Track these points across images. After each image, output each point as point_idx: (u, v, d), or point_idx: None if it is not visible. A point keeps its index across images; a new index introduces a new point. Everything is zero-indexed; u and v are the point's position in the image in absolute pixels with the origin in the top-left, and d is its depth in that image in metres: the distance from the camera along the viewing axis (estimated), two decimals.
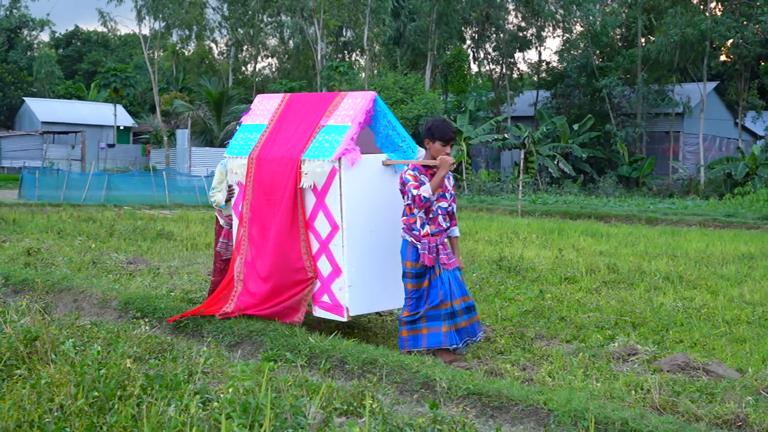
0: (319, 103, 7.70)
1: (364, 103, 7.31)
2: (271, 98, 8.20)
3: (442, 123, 7.08)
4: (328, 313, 7.32)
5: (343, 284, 7.15)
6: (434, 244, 6.93)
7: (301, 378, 5.68)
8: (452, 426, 4.73)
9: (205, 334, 7.56)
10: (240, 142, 8.07)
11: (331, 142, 7.21)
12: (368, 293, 7.29)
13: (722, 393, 5.98)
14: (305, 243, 7.36)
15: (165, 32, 56.55)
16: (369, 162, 7.27)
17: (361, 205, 7.19)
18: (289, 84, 52.04)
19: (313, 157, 7.24)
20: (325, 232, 7.25)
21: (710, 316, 8.81)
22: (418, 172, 6.96)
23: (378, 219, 7.31)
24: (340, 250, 7.14)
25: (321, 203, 7.24)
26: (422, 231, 6.93)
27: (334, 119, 7.39)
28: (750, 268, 12.68)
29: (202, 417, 4.53)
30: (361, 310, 7.34)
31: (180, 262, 12.65)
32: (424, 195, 6.83)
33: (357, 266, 7.18)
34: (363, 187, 7.22)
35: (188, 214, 22.94)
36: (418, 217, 6.94)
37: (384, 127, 7.43)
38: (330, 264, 7.23)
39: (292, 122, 7.75)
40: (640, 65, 43.54)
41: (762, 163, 36.84)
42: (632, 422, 4.94)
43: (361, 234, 7.20)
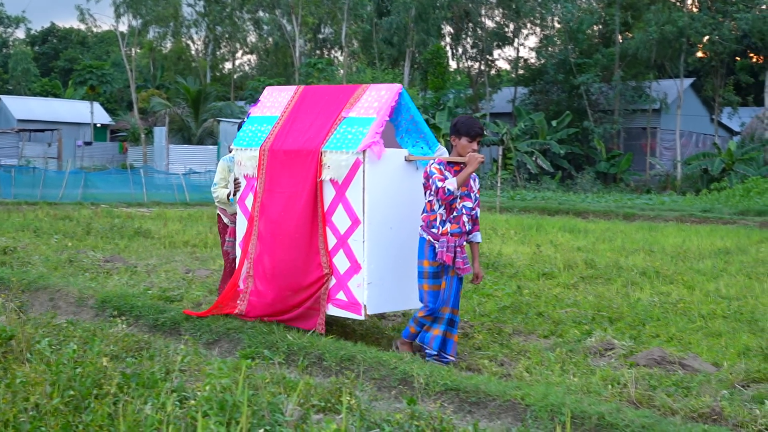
0: (338, 94, 7.46)
1: (390, 96, 7.07)
2: (283, 90, 7.93)
3: (467, 119, 6.85)
4: (343, 311, 7.04)
5: (362, 281, 6.88)
6: (453, 244, 6.65)
7: (279, 375, 5.67)
8: (430, 422, 4.73)
9: (182, 331, 7.52)
10: (249, 133, 7.77)
11: (354, 133, 6.95)
12: (387, 291, 7.04)
13: (698, 387, 6.03)
14: (322, 238, 7.08)
15: (142, 29, 56.23)
16: (392, 156, 7.04)
17: (382, 199, 6.95)
18: (267, 81, 51.94)
19: (336, 148, 6.98)
20: (344, 227, 6.98)
21: (686, 310, 8.88)
22: (444, 167, 6.74)
23: (398, 215, 7.08)
24: (360, 245, 6.88)
25: (341, 196, 6.98)
26: (441, 229, 6.67)
27: (357, 111, 7.13)
28: (726, 262, 12.78)
29: (179, 415, 4.51)
30: (380, 308, 7.11)
31: (158, 260, 12.58)
32: (448, 188, 6.55)
33: (377, 263, 6.93)
34: (385, 182, 6.99)
35: (166, 212, 22.84)
36: (438, 213, 6.69)
37: (406, 122, 7.22)
38: (348, 260, 6.97)
39: (308, 114, 7.47)
40: (617, 62, 43.74)
41: (738, 158, 37.13)
42: (609, 416, 4.97)
43: (381, 230, 6.96)
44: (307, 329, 7.02)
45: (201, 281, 10.40)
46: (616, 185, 40.96)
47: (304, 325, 7.08)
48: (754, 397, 5.81)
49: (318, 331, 6.97)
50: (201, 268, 11.70)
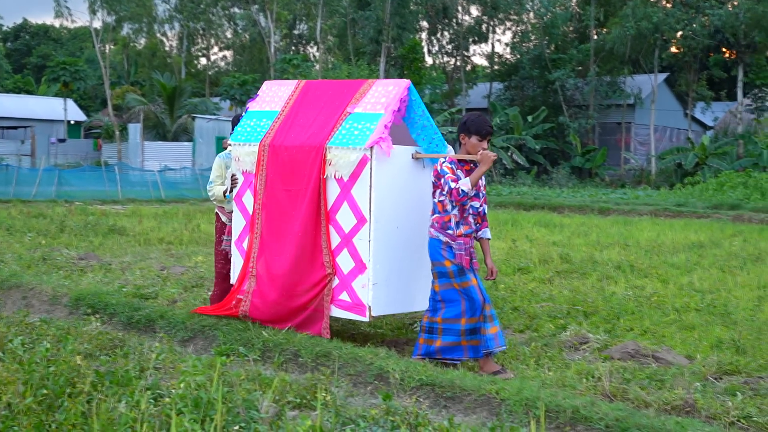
0: (342, 90, 7.24)
1: (398, 91, 6.85)
2: (283, 84, 7.71)
3: (478, 117, 6.64)
4: (346, 313, 6.80)
5: (367, 281, 6.65)
6: (468, 245, 6.49)
7: (254, 372, 5.66)
8: (405, 417, 4.74)
9: (157, 329, 7.49)
10: (247, 128, 7.51)
11: (361, 129, 6.73)
12: (392, 292, 6.82)
13: (671, 379, 6.08)
14: (325, 237, 6.85)
15: (116, 26, 55.83)
16: (399, 153, 6.82)
17: (389, 198, 6.74)
18: (242, 77, 51.72)
19: (341, 144, 6.76)
20: (348, 226, 6.75)
21: (660, 304, 8.94)
22: (455, 166, 6.54)
23: (405, 214, 6.87)
24: (366, 244, 6.65)
25: (346, 194, 6.76)
26: (456, 231, 6.48)
27: (363, 106, 6.91)
28: (699, 256, 12.89)
29: (153, 413, 4.49)
30: (385, 310, 6.87)
31: (132, 257, 12.52)
32: (462, 188, 6.34)
33: (382, 263, 6.71)
34: (392, 180, 6.78)
35: (141, 209, 22.72)
36: (452, 215, 6.49)
37: (420, 118, 6.96)
38: (352, 259, 6.74)
39: (311, 109, 7.24)
40: (592, 57, 43.96)
41: (711, 153, 37.43)
42: (583, 410, 5.00)
43: (388, 229, 6.74)
44: (312, 334, 6.79)
45: (176, 278, 10.36)
46: (591, 180, 41.18)
47: (309, 330, 6.84)
48: (727, 389, 5.87)
49: (323, 336, 6.75)
50: (176, 265, 11.65)
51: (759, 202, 23.95)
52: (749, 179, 29.21)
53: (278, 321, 7.04)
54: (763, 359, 6.72)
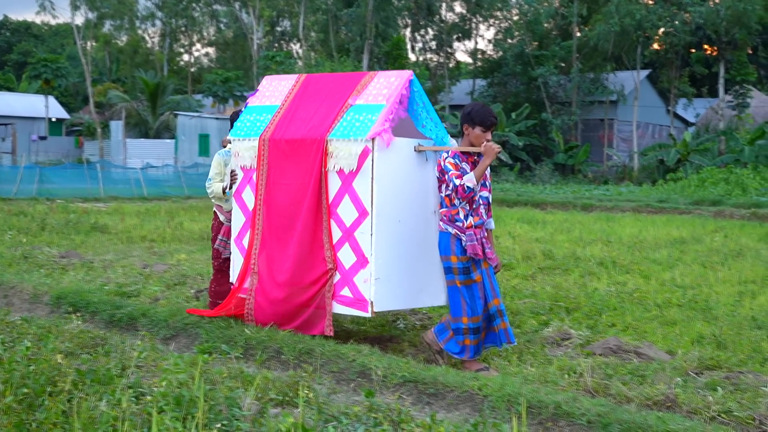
0: (343, 82, 7.12)
1: (400, 83, 6.72)
2: (283, 79, 7.58)
3: (482, 107, 6.52)
4: (348, 309, 6.67)
5: (369, 276, 6.52)
6: (479, 236, 6.39)
7: (237, 369, 5.64)
8: (388, 414, 4.74)
9: (139, 327, 7.46)
10: (247, 123, 7.40)
11: (362, 121, 6.61)
12: (396, 287, 6.66)
13: (653, 375, 6.11)
14: (327, 231, 6.73)
15: (98, 22, 55.51)
16: (401, 145, 6.68)
17: (391, 190, 6.60)
18: (225, 74, 51.60)
19: (343, 136, 6.64)
20: (350, 219, 6.62)
21: (642, 299, 8.98)
22: (459, 159, 6.44)
23: (407, 207, 6.72)
24: (368, 238, 6.51)
25: (348, 187, 6.63)
26: (466, 223, 6.38)
27: (365, 98, 6.78)
28: (681, 252, 12.95)
29: (134, 411, 4.47)
30: (388, 305, 6.71)
31: (114, 255, 12.46)
32: (468, 185, 6.27)
33: (385, 257, 6.56)
34: (395, 172, 6.63)
35: (123, 207, 22.62)
36: (460, 208, 6.39)
37: (422, 109, 6.84)
38: (354, 254, 6.61)
39: (311, 102, 7.12)
40: (575, 54, 44.09)
41: (693, 149, 37.63)
42: (565, 405, 5.02)
43: (390, 222, 6.60)
44: (315, 334, 6.70)
45: (158, 276, 10.32)
46: (574, 176, 41.31)
47: (313, 330, 6.74)
48: (707, 384, 5.90)
49: (326, 334, 6.65)
50: (158, 263, 11.61)
51: (740, 198, 24.09)
52: (731, 175, 29.39)
53: (283, 321, 6.90)
54: (743, 354, 6.76)
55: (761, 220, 19.32)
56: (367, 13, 44.46)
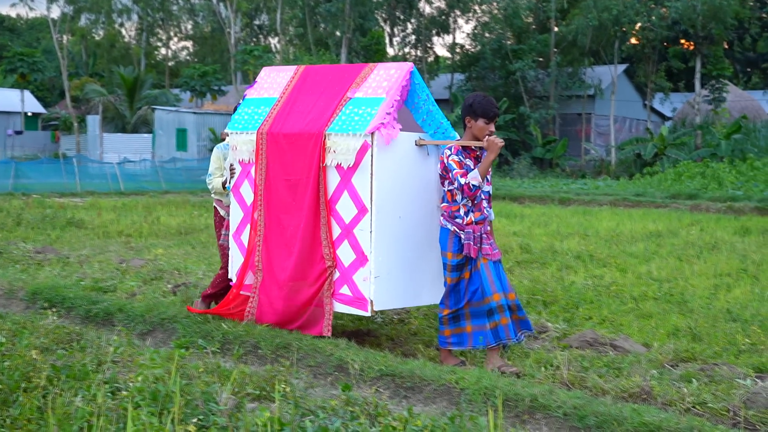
0: (342, 74, 6.97)
1: (400, 75, 6.55)
2: (281, 70, 7.40)
3: (484, 98, 6.34)
4: (347, 307, 6.54)
5: (369, 274, 6.37)
6: (478, 233, 6.26)
7: (214, 364, 5.63)
8: (365, 407, 4.75)
9: (115, 322, 7.43)
10: (245, 116, 7.24)
11: (361, 115, 6.45)
12: (396, 286, 6.53)
13: (628, 367, 6.15)
14: (326, 227, 6.59)
15: (74, 16, 55.07)
16: (401, 140, 6.51)
17: (391, 186, 6.45)
18: (202, 68, 51.33)
19: (341, 131, 6.48)
20: (349, 216, 6.48)
21: (619, 293, 9.04)
22: (462, 156, 6.29)
23: (408, 203, 6.58)
24: (367, 235, 6.37)
25: (347, 183, 6.49)
26: (466, 219, 6.27)
27: (364, 91, 6.63)
28: (657, 245, 13.03)
29: (110, 406, 4.45)
30: (388, 304, 6.60)
31: (91, 250, 12.39)
32: (473, 183, 6.14)
33: (385, 254, 6.42)
34: (395, 167, 6.48)
35: (100, 202, 22.49)
36: (462, 204, 6.28)
37: (424, 102, 6.68)
38: (353, 251, 6.47)
39: (310, 95, 6.97)
40: (553, 48, 44.22)
41: (670, 143, 37.82)
42: (541, 398, 5.04)
43: (390, 219, 6.45)
44: (314, 334, 6.56)
45: (135, 271, 10.27)
46: (552, 170, 41.43)
47: (312, 330, 6.61)
48: (682, 376, 5.95)
49: (324, 335, 6.51)
50: (135, 257, 11.55)
51: (716, 192, 24.26)
52: (707, 169, 29.58)
53: (284, 321, 6.77)
54: (718, 346, 6.82)
55: (737, 213, 19.48)
56: (345, 8, 44.36)
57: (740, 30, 49.78)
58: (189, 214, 18.88)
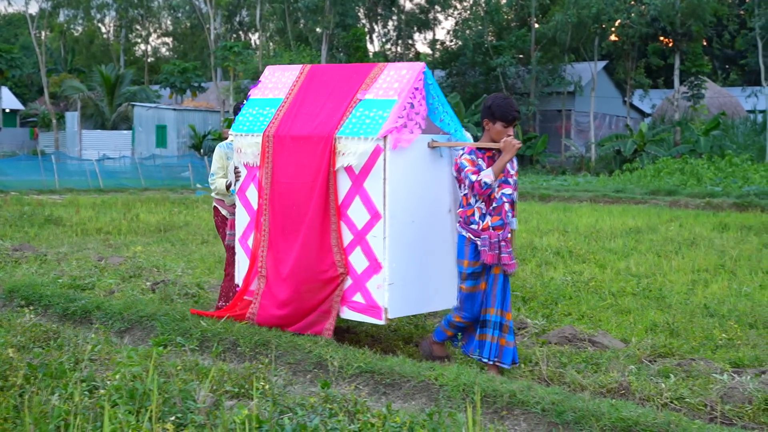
0: (351, 74, 6.73)
1: (412, 76, 6.33)
2: (286, 69, 7.18)
3: (504, 100, 6.09)
4: (360, 315, 6.36)
5: (383, 282, 6.18)
6: (496, 239, 5.97)
7: (192, 362, 5.61)
8: (344, 404, 4.75)
9: (93, 320, 7.38)
10: (249, 117, 7.04)
11: (373, 117, 6.25)
12: (410, 292, 6.35)
13: (607, 363, 6.18)
14: (336, 234, 6.39)
15: (53, 12, 54.68)
16: (415, 142, 6.31)
17: (405, 190, 6.24)
18: (182, 65, 51.11)
19: (352, 134, 6.27)
20: (361, 222, 6.27)
21: (597, 288, 9.07)
22: (475, 155, 6.06)
23: (421, 207, 6.38)
24: (381, 242, 6.17)
25: (358, 187, 6.27)
26: (482, 224, 6.00)
27: (374, 92, 6.41)
28: (636, 241, 13.10)
29: (87, 405, 4.43)
30: (402, 311, 6.41)
31: (69, 248, 12.31)
32: (485, 180, 5.88)
33: (399, 261, 6.23)
34: (408, 171, 6.27)
35: (79, 199, 22.35)
36: (476, 207, 6.02)
37: (438, 102, 6.48)
38: (366, 258, 6.26)
39: (317, 95, 6.75)
40: (533, 45, 44.32)
41: (649, 140, 38.02)
42: (520, 394, 5.05)
43: (404, 224, 6.25)
44: (314, 334, 6.43)
45: (114, 268, 10.22)
46: (532, 167, 41.56)
47: (311, 330, 6.47)
48: (660, 371, 5.99)
49: (325, 336, 6.36)
50: (114, 255, 11.49)
51: (695, 188, 24.40)
52: (686, 165, 29.76)
53: (288, 324, 6.62)
54: (695, 341, 6.87)
55: (715, 209, 19.60)
56: (326, 4, 44.28)
57: (719, 27, 50.13)
58: (168, 211, 18.80)
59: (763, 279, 9.75)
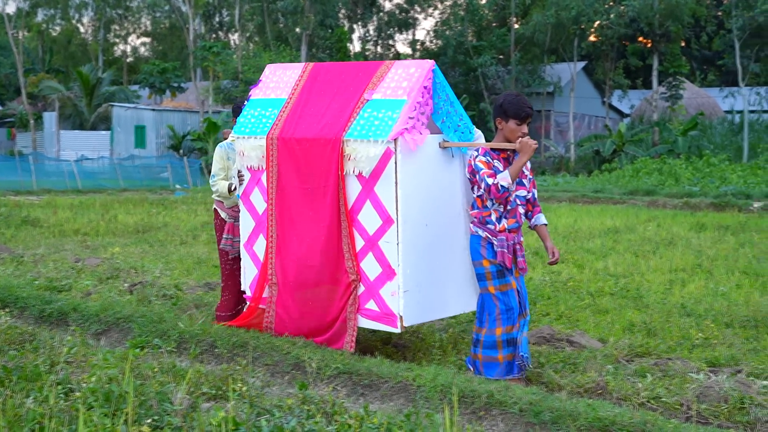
0: (356, 73, 6.49)
1: (421, 74, 6.12)
2: (288, 68, 6.91)
3: (515, 98, 5.89)
4: (374, 323, 6.17)
5: (397, 289, 6.00)
6: (512, 242, 5.87)
7: (169, 364, 5.59)
8: (321, 406, 4.74)
9: (70, 322, 7.33)
10: (251, 119, 6.78)
11: (382, 119, 6.04)
12: (426, 298, 6.18)
13: (584, 363, 6.21)
14: (348, 240, 6.18)
15: (30, 11, 54.29)
16: (426, 143, 6.12)
17: (417, 194, 6.05)
18: (162, 65, 50.88)
19: (361, 137, 6.06)
20: (373, 227, 6.08)
21: (576, 288, 9.11)
22: (490, 157, 5.85)
23: (434, 210, 6.20)
24: (394, 247, 5.98)
25: (369, 192, 6.06)
26: (498, 226, 5.84)
27: (382, 92, 6.19)
28: (615, 241, 13.16)
29: (62, 408, 4.40)
30: (418, 318, 6.22)
31: (46, 249, 12.23)
32: (502, 184, 5.66)
33: (413, 267, 6.04)
34: (419, 173, 6.08)
35: (56, 200, 22.22)
36: (493, 210, 5.84)
37: (444, 103, 6.28)
38: (379, 264, 6.07)
39: (322, 95, 6.51)
40: (513, 46, 44.45)
41: (628, 140, 38.20)
42: (497, 394, 5.06)
43: (417, 228, 6.06)
44: (337, 348, 6.22)
45: (91, 270, 10.16)
46: None
47: (336, 344, 6.26)
48: (637, 371, 6.02)
49: (346, 350, 6.17)
50: (92, 256, 11.43)
51: (673, 188, 24.53)
52: (664, 166, 29.94)
53: (309, 334, 6.42)
54: (672, 341, 6.92)
55: (693, 209, 19.71)
56: (305, 4, 44.20)
57: (697, 28, 50.40)
58: (147, 212, 18.72)
59: (740, 278, 9.82)
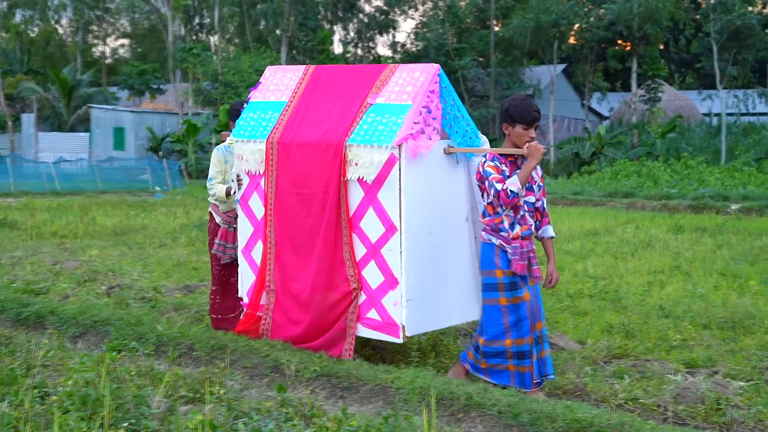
0: (359, 76, 6.36)
1: (426, 79, 5.97)
2: (289, 70, 6.78)
3: (521, 101, 5.73)
4: (376, 333, 6.03)
5: (400, 298, 5.86)
6: (526, 249, 5.71)
7: (147, 367, 5.56)
8: (300, 408, 4.73)
9: (47, 326, 7.27)
10: (250, 122, 6.64)
11: (386, 124, 5.90)
12: (429, 308, 6.04)
13: (563, 364, 6.23)
14: (348, 247, 6.07)
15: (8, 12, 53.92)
16: (431, 149, 5.98)
17: (422, 201, 5.92)
18: (141, 66, 50.66)
19: (364, 142, 5.92)
20: (375, 234, 5.94)
21: (555, 290, 9.12)
22: (498, 162, 5.70)
23: (437, 217, 6.07)
24: (397, 256, 5.85)
25: (371, 198, 5.93)
26: (512, 233, 5.67)
27: (386, 96, 6.06)
28: (594, 243, 13.21)
29: (38, 412, 4.37)
30: (421, 328, 6.09)
31: (23, 252, 12.14)
32: (511, 189, 5.51)
33: (417, 275, 5.91)
34: (424, 180, 5.95)
35: (34, 202, 22.05)
36: (505, 216, 5.67)
37: (451, 108, 6.12)
38: (381, 273, 5.94)
39: (324, 99, 6.38)
40: (493, 48, 44.57)
41: (607, 142, 38.38)
42: (476, 396, 5.07)
43: (420, 236, 5.93)
44: (333, 355, 6.09)
45: (69, 273, 10.10)
46: None
47: (332, 351, 6.13)
48: (615, 372, 6.05)
49: (344, 357, 6.05)
50: (70, 259, 11.36)
51: (651, 190, 24.67)
52: (643, 168, 30.09)
53: (304, 341, 6.30)
54: (650, 342, 6.95)
55: (671, 211, 19.83)
56: (285, 6, 44.13)
57: (675, 31, 50.74)
58: (125, 214, 18.62)
59: (717, 280, 9.89)
